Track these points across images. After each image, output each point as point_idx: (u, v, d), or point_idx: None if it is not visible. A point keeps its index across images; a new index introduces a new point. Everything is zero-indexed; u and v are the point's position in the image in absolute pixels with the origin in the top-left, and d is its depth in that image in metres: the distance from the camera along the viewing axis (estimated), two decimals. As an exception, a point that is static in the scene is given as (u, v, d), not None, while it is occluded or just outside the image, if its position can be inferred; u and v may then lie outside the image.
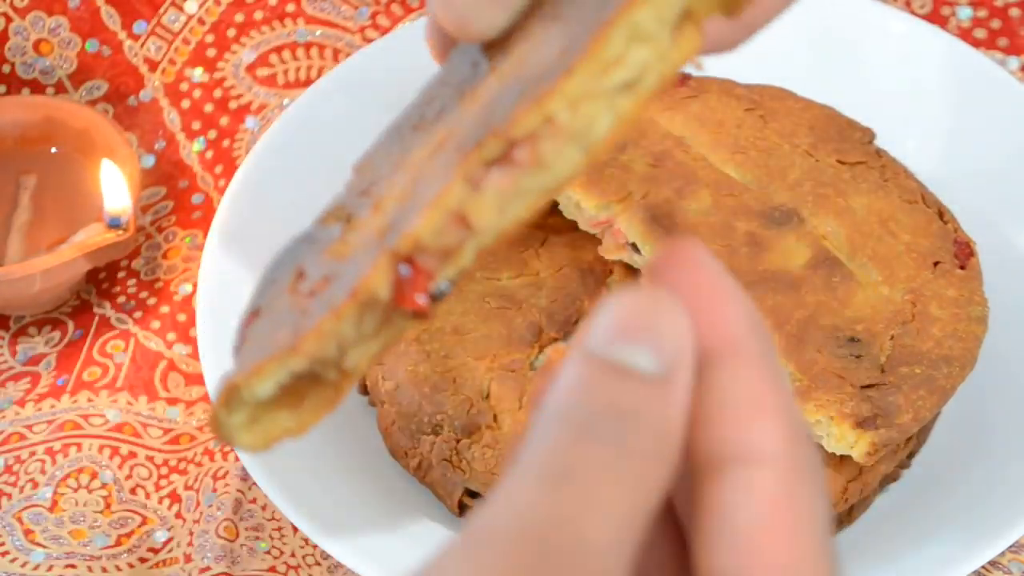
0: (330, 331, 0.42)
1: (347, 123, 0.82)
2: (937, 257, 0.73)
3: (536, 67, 0.42)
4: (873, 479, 0.70)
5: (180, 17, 0.88)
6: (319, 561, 0.72)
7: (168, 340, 0.80)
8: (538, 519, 0.34)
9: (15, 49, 0.87)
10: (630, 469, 0.35)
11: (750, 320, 0.37)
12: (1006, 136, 0.80)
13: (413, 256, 0.41)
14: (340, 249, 0.45)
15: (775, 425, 0.36)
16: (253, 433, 0.44)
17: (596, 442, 0.35)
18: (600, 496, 0.34)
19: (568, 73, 0.40)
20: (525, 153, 0.40)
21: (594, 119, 0.40)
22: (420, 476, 0.72)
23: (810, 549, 0.36)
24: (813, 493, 0.36)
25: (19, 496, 0.75)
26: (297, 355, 0.42)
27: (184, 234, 0.84)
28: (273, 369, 0.42)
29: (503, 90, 0.43)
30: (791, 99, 0.78)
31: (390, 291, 0.41)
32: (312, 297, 0.43)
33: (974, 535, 0.68)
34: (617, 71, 0.40)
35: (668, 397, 0.36)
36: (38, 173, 0.83)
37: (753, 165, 0.75)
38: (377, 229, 0.43)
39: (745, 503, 0.36)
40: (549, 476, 0.34)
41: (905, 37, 0.83)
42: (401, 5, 0.89)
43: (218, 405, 0.43)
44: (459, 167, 0.41)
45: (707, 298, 0.37)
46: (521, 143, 0.40)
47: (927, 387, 0.68)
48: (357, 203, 0.46)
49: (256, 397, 0.43)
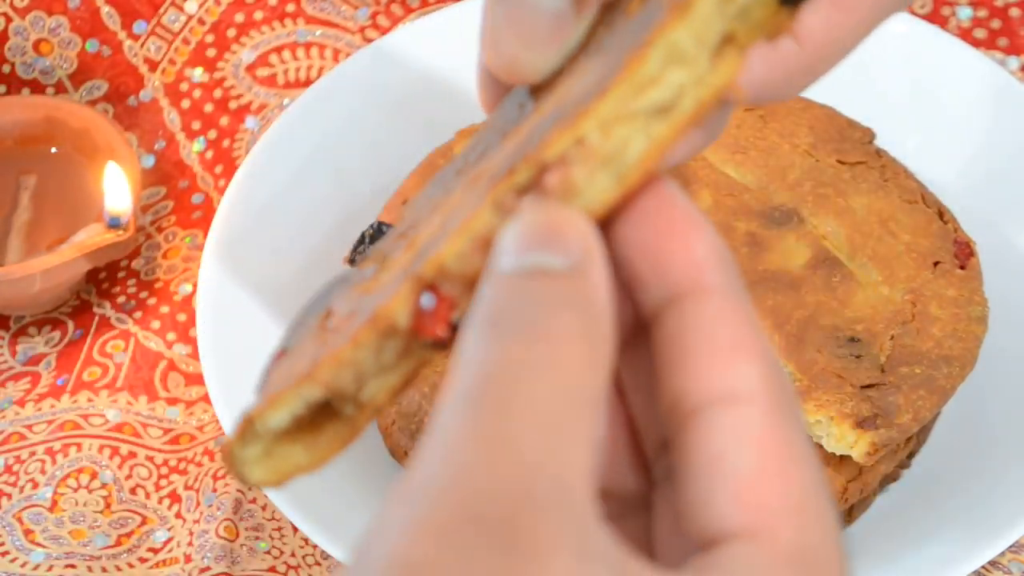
0: (347, 358, 0.40)
1: (347, 123, 0.82)
2: (937, 257, 0.73)
3: (575, 96, 0.41)
4: (873, 479, 0.70)
5: (180, 17, 0.88)
6: (319, 561, 0.72)
7: (168, 340, 0.80)
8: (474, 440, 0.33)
9: (15, 49, 0.87)
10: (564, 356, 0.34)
11: (719, 255, 0.37)
12: (1006, 136, 0.80)
13: (436, 284, 0.40)
14: (369, 286, 0.43)
15: (753, 363, 0.36)
16: (265, 468, 0.42)
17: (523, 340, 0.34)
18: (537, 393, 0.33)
19: (602, 94, 0.39)
20: (556, 178, 0.39)
21: (626, 142, 0.39)
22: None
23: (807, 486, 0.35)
24: (797, 428, 0.36)
25: (19, 496, 0.75)
26: (312, 382, 0.41)
27: (184, 234, 0.84)
28: (288, 399, 0.41)
29: (541, 121, 0.42)
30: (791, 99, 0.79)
31: (410, 319, 0.40)
32: (335, 334, 0.42)
33: (974, 535, 0.68)
34: (652, 92, 0.39)
35: (585, 280, 0.36)
36: (38, 173, 0.83)
37: (753, 165, 0.75)
38: (406, 262, 0.42)
39: (735, 447, 0.35)
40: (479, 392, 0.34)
41: (905, 37, 0.83)
42: (401, 5, 0.89)
43: (233, 439, 0.42)
44: (489, 193, 0.40)
45: (674, 233, 0.37)
46: (552, 168, 0.39)
47: (927, 387, 0.68)
48: (394, 246, 0.45)
49: (270, 429, 0.41)
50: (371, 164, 0.81)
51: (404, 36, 0.84)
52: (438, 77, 0.83)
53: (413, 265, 0.41)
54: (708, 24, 0.39)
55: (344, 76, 0.82)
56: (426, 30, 0.84)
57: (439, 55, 0.83)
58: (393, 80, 0.83)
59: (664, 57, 0.39)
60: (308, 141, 0.80)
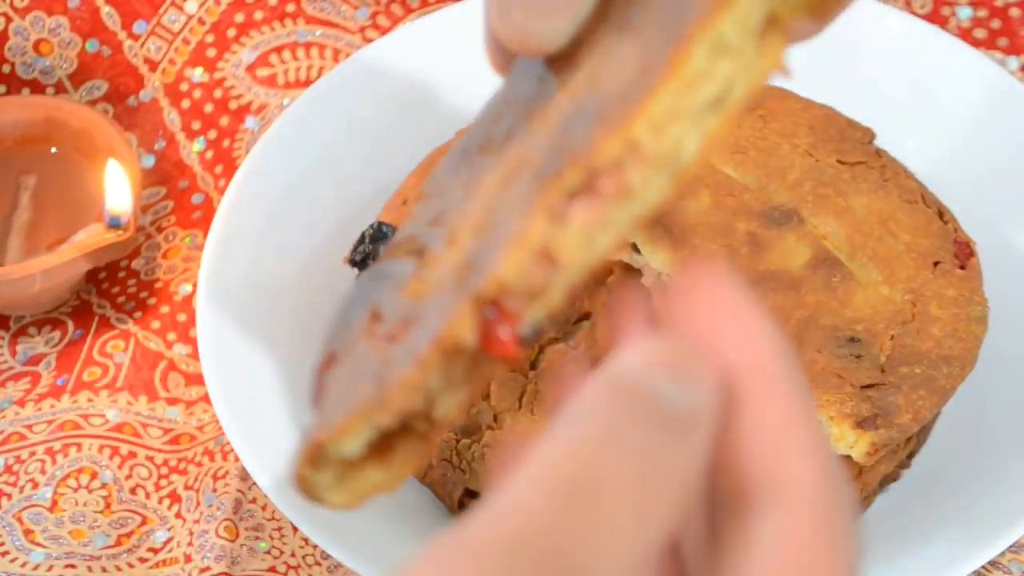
0: (417, 384, 0.39)
1: (347, 123, 0.82)
2: (937, 257, 0.73)
3: (612, 84, 0.39)
4: (873, 479, 0.70)
5: (180, 17, 0.87)
6: (319, 561, 0.72)
7: (168, 340, 0.80)
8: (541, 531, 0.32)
9: (15, 49, 0.86)
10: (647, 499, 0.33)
11: (779, 349, 0.36)
12: (1006, 136, 0.80)
13: (498, 299, 0.39)
14: (417, 288, 0.42)
15: (808, 461, 0.34)
16: (343, 492, 0.41)
17: (618, 459, 0.33)
18: (612, 521, 0.32)
19: (651, 94, 0.37)
20: (611, 183, 0.38)
21: (681, 141, 0.38)
22: (420, 476, 0.72)
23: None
24: (847, 532, 0.35)
25: (19, 496, 0.75)
26: (384, 411, 0.39)
27: (184, 234, 0.84)
28: (360, 426, 0.40)
29: (577, 110, 0.40)
30: (791, 99, 0.78)
31: (476, 337, 0.39)
32: (393, 342, 0.41)
33: (974, 535, 0.68)
34: (703, 88, 0.38)
35: (696, 436, 0.34)
36: (38, 173, 0.83)
37: (753, 165, 0.75)
38: (455, 267, 0.40)
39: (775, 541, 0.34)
40: (561, 487, 0.32)
41: (905, 37, 0.83)
42: (401, 5, 0.89)
43: (302, 464, 0.41)
44: (540, 200, 0.38)
45: (734, 325, 0.36)
46: (605, 172, 0.38)
47: (927, 387, 0.68)
48: (428, 234, 0.43)
49: (344, 456, 0.40)
50: (371, 164, 0.81)
51: (404, 36, 0.84)
52: (438, 77, 0.83)
53: (469, 281, 0.39)
54: (752, 10, 0.38)
55: (344, 76, 0.82)
56: (426, 30, 0.84)
57: (439, 55, 0.83)
58: (393, 80, 0.83)
59: (710, 50, 0.38)
60: (308, 141, 0.80)
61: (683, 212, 0.72)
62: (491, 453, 0.68)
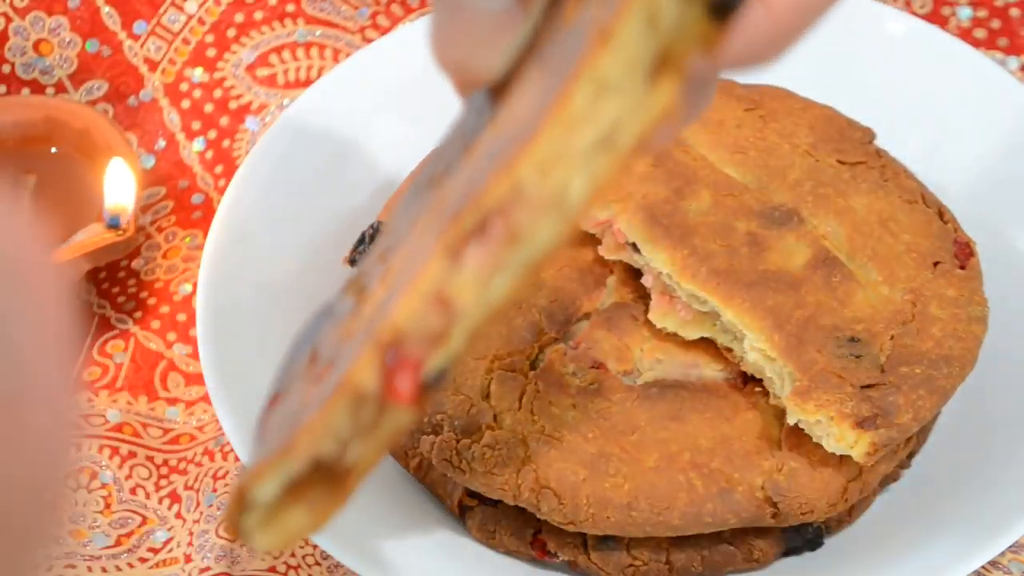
0: (322, 427, 0.39)
1: (347, 123, 0.82)
2: (937, 257, 0.73)
3: (515, 123, 0.39)
4: (873, 479, 0.70)
5: (180, 17, 0.87)
6: (319, 561, 0.72)
7: (168, 340, 0.80)
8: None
9: (15, 49, 0.86)
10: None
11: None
12: (1006, 136, 0.80)
13: (396, 344, 0.38)
14: (350, 327, 0.41)
15: None
16: (269, 534, 0.41)
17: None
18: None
19: (535, 136, 0.36)
20: (500, 226, 0.37)
21: (566, 184, 0.37)
22: (420, 476, 0.72)
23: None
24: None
25: (19, 496, 0.75)
26: (292, 456, 0.39)
27: (184, 234, 0.84)
28: (273, 472, 0.40)
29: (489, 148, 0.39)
30: (791, 99, 0.78)
31: (378, 383, 0.38)
32: (317, 384, 0.41)
33: (974, 535, 0.68)
34: (586, 129, 0.36)
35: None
36: (38, 173, 0.83)
37: (753, 165, 0.75)
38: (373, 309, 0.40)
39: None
40: None
41: (905, 37, 0.83)
42: (401, 5, 0.89)
43: (230, 508, 0.41)
44: (439, 242, 0.37)
45: None
46: (494, 216, 0.37)
47: (927, 387, 0.68)
48: (372, 271, 0.43)
49: (261, 500, 0.40)
50: (371, 164, 0.81)
51: (404, 36, 0.84)
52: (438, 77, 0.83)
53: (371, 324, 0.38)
54: (636, 49, 0.36)
55: (344, 76, 0.82)
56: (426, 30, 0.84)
57: (439, 55, 0.83)
58: (393, 80, 0.83)
59: (593, 91, 0.36)
60: (308, 141, 0.80)
61: (683, 212, 0.72)
62: (491, 453, 0.68)
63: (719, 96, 0.78)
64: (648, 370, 0.71)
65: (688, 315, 0.71)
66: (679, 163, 0.74)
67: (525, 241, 0.37)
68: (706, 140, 0.76)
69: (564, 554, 0.69)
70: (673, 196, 0.73)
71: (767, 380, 0.69)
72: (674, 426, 0.69)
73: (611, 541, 0.69)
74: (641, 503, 0.67)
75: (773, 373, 0.69)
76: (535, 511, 0.68)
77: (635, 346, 0.72)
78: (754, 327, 0.69)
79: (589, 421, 0.68)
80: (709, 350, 0.71)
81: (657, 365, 0.71)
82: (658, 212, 0.72)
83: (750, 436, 0.69)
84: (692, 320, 0.71)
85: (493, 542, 0.70)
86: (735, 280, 0.70)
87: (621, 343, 0.72)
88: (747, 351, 0.69)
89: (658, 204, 0.72)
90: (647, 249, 0.71)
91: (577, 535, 0.69)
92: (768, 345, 0.69)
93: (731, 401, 0.70)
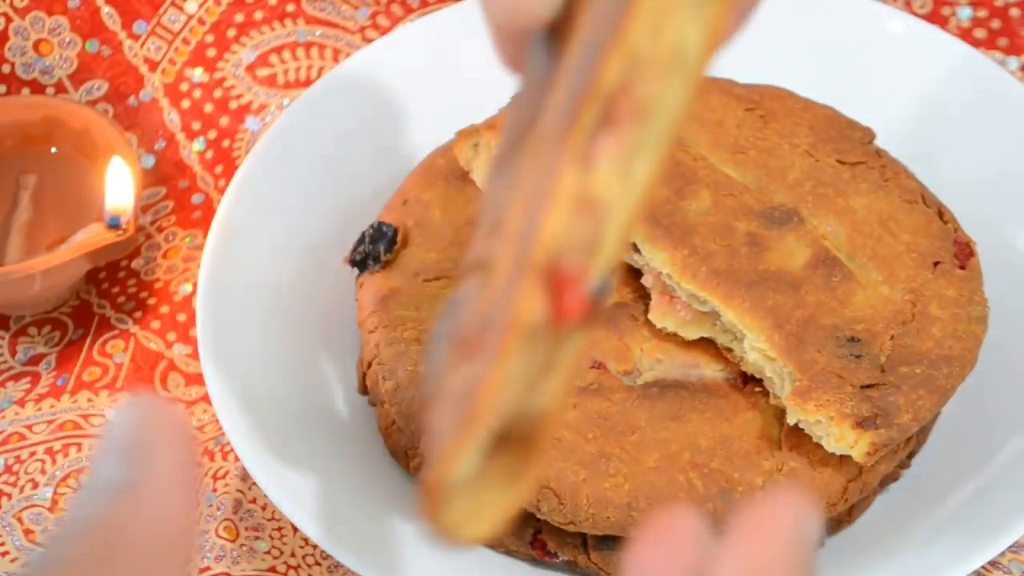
0: (502, 380, 0.36)
1: (347, 123, 0.82)
2: (937, 257, 0.73)
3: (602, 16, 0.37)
4: (873, 479, 0.70)
5: (180, 17, 0.88)
6: (319, 561, 0.72)
7: (168, 340, 0.80)
8: None
9: (15, 49, 0.87)
10: None
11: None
12: (1006, 136, 0.80)
13: (554, 264, 0.36)
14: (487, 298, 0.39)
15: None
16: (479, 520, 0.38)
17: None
18: None
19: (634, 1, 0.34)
20: (626, 105, 0.35)
21: (682, 36, 0.35)
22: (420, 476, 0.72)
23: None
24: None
25: (19, 496, 0.75)
26: (479, 422, 0.37)
27: (184, 234, 0.84)
28: (462, 447, 0.37)
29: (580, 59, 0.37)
30: (791, 99, 0.79)
31: (545, 312, 0.36)
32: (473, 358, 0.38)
33: (974, 535, 0.68)
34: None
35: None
36: (38, 173, 0.83)
37: (753, 165, 0.75)
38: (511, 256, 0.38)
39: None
40: None
41: (905, 37, 0.83)
42: (401, 5, 0.89)
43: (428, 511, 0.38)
44: (565, 151, 0.35)
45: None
46: (617, 97, 0.35)
47: (927, 387, 0.68)
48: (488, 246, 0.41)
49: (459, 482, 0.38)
50: (371, 164, 0.81)
51: (404, 36, 0.84)
52: (438, 77, 0.83)
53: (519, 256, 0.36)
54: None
55: (344, 76, 0.82)
56: (426, 30, 0.84)
57: (439, 55, 0.83)
58: (393, 80, 0.83)
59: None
60: (308, 141, 0.80)
61: (683, 212, 0.72)
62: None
63: (719, 96, 0.78)
64: (648, 370, 0.71)
65: (688, 315, 0.71)
66: (679, 163, 0.74)
67: (656, 110, 0.35)
68: (706, 140, 0.76)
69: (564, 554, 0.69)
70: (673, 196, 0.73)
71: (767, 380, 0.69)
72: (674, 426, 0.69)
73: (611, 541, 0.69)
74: (641, 503, 0.67)
75: (773, 373, 0.69)
76: (535, 511, 0.68)
77: (635, 346, 0.72)
78: (754, 327, 0.69)
79: (589, 421, 0.68)
80: (709, 350, 0.71)
81: (657, 365, 0.71)
82: (658, 212, 0.72)
83: (750, 436, 0.69)
84: (692, 320, 0.71)
85: (493, 542, 0.70)
86: (735, 280, 0.70)
87: (621, 343, 0.72)
88: (747, 351, 0.69)
89: (658, 204, 0.72)
90: (647, 249, 0.71)
91: (577, 535, 0.69)
92: (768, 345, 0.69)
93: (731, 401, 0.70)
